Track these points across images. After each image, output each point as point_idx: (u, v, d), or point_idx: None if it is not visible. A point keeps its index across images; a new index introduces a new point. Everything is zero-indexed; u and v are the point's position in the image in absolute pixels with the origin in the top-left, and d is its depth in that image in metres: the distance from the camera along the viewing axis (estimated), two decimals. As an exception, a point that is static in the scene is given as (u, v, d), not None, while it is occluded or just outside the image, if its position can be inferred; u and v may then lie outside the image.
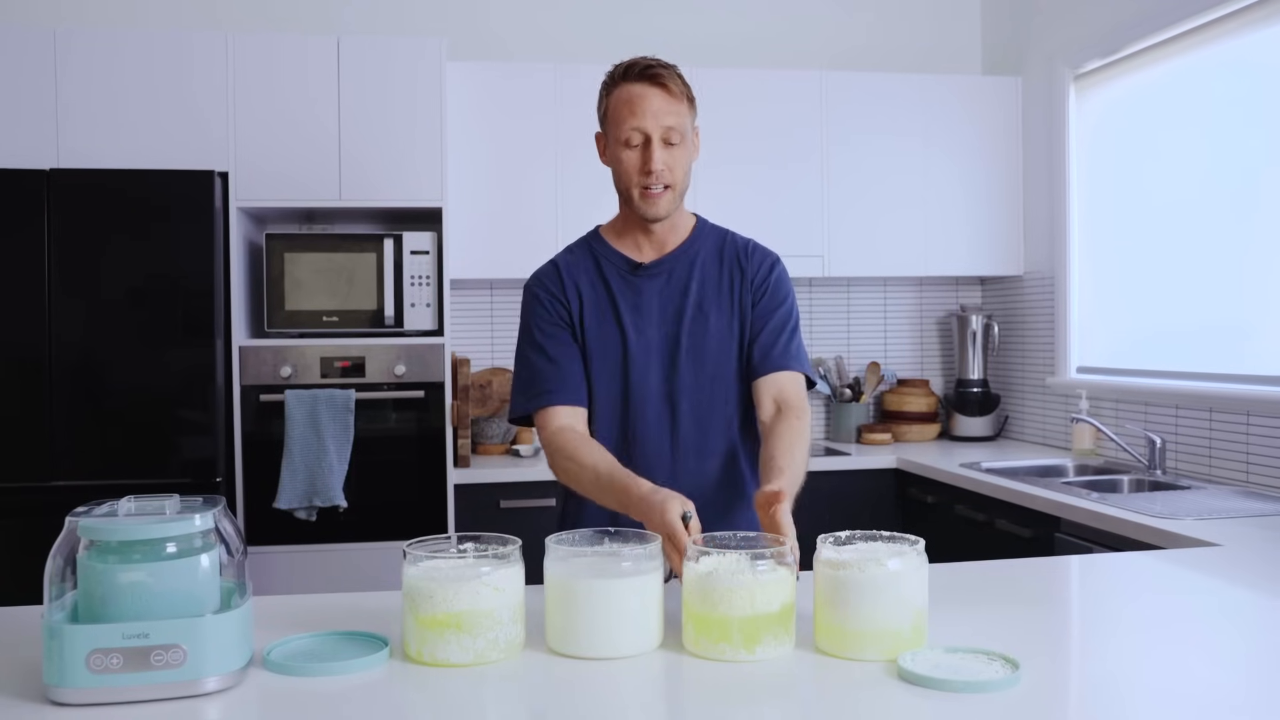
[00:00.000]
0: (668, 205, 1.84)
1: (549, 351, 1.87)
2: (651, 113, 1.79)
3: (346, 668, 1.31)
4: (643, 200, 1.83)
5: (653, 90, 1.79)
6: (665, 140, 1.80)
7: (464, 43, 3.95)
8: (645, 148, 1.80)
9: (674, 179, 1.82)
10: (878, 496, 3.67)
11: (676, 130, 1.80)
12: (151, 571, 1.22)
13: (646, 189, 1.81)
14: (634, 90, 1.80)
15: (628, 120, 1.80)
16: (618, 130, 1.82)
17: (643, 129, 1.79)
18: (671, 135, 1.80)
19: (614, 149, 1.84)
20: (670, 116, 1.79)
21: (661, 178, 1.80)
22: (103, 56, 3.28)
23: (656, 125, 1.79)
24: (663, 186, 1.81)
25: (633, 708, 1.27)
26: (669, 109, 1.79)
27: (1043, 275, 3.95)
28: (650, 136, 1.79)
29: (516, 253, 3.56)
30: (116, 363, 3.14)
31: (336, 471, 3.24)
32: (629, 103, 1.80)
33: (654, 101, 1.79)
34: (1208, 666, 1.37)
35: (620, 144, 1.82)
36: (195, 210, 3.18)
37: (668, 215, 1.85)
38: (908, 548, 1.40)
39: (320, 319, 3.38)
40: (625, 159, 1.82)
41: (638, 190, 1.82)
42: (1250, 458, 2.92)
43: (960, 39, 4.37)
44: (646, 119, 1.79)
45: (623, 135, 1.81)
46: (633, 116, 1.79)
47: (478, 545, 1.43)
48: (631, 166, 1.82)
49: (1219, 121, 3.12)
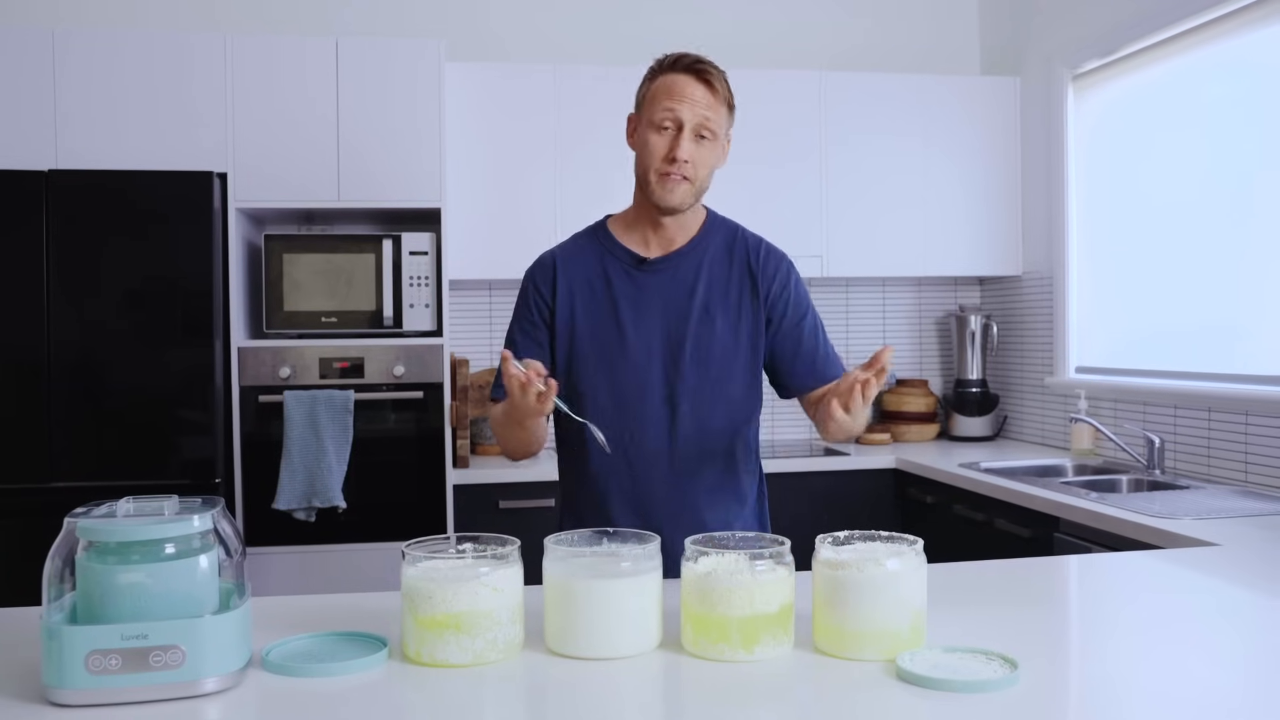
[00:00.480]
0: (683, 197, 1.83)
1: (519, 346, 1.89)
2: (690, 101, 1.79)
3: (345, 668, 1.31)
4: (659, 184, 1.82)
5: (697, 83, 1.80)
6: (697, 133, 1.80)
7: (463, 44, 3.95)
8: (676, 134, 1.80)
9: (695, 174, 1.82)
10: (876, 497, 3.67)
11: (709, 128, 1.80)
12: (150, 572, 1.22)
13: (666, 174, 1.81)
14: (679, 79, 1.81)
15: (664, 102, 1.80)
16: (652, 111, 1.82)
17: (677, 115, 1.79)
18: (703, 130, 1.80)
19: (644, 131, 1.84)
20: (707, 111, 1.80)
21: (684, 169, 1.80)
22: (101, 57, 3.28)
23: (692, 115, 1.79)
24: (682, 177, 1.81)
25: (632, 708, 1.27)
26: (707, 103, 1.80)
27: (1041, 275, 3.96)
28: (683, 124, 1.79)
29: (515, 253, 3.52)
30: (115, 363, 3.14)
31: (335, 472, 3.24)
32: (670, 88, 1.81)
33: (695, 91, 1.80)
34: (1206, 666, 1.37)
35: (651, 126, 1.82)
36: (194, 211, 3.18)
37: (680, 207, 1.84)
38: (906, 548, 1.40)
39: (319, 320, 3.38)
40: (652, 141, 1.82)
41: (656, 175, 1.82)
42: (1249, 457, 2.92)
43: (959, 39, 4.37)
44: (684, 106, 1.79)
45: (656, 117, 1.81)
46: (669, 99, 1.80)
47: (476, 546, 1.43)
48: (657, 150, 1.81)
49: (1217, 121, 3.12)
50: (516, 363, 1.62)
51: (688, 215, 1.89)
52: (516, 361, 1.63)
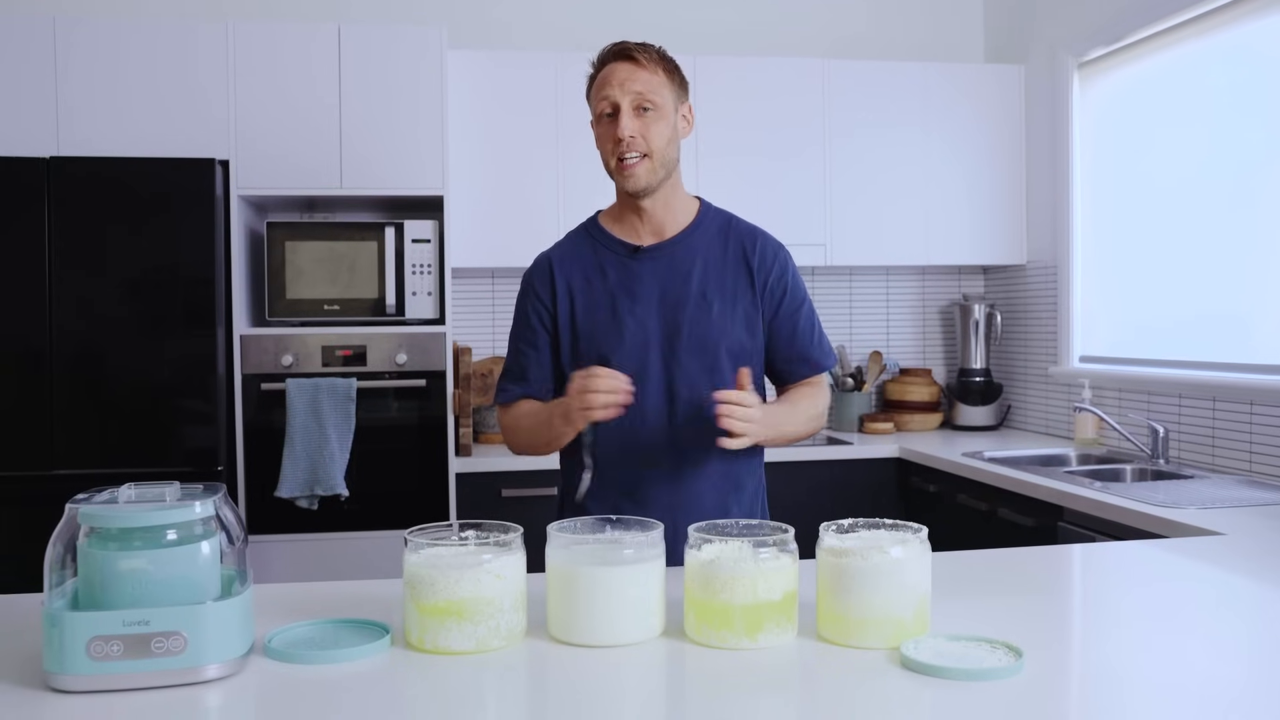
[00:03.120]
0: (646, 175, 1.82)
1: (522, 351, 1.93)
2: (618, 81, 1.81)
3: (348, 655, 1.31)
4: (619, 173, 1.83)
5: (623, 64, 1.82)
6: (636, 107, 1.80)
7: (466, 30, 3.94)
8: (615, 118, 1.81)
9: (649, 148, 1.81)
10: (880, 486, 3.66)
11: (647, 98, 1.80)
12: (152, 559, 1.22)
13: (621, 160, 1.81)
14: (607, 69, 1.84)
15: (596, 94, 1.84)
16: (593, 108, 1.86)
17: (610, 98, 1.81)
18: (642, 102, 1.80)
19: (595, 130, 1.87)
20: (638, 84, 1.80)
21: (634, 145, 1.80)
22: (103, 44, 3.27)
23: (624, 93, 1.80)
24: (639, 155, 1.80)
25: (635, 695, 1.26)
26: (638, 76, 1.81)
27: (1045, 264, 3.94)
28: (619, 105, 1.80)
29: (518, 241, 3.55)
30: (117, 352, 3.14)
31: (338, 460, 3.24)
32: (602, 80, 1.84)
33: (622, 71, 1.81)
34: (1210, 655, 1.36)
35: (595, 122, 1.85)
36: (196, 199, 3.17)
37: (648, 186, 1.84)
38: (910, 535, 1.39)
39: (321, 308, 3.38)
40: (600, 134, 1.85)
41: (614, 162, 1.83)
42: (1253, 447, 2.92)
43: (962, 27, 4.35)
44: (613, 88, 1.81)
45: (596, 110, 1.84)
46: (601, 89, 1.83)
47: (479, 533, 1.42)
48: (606, 139, 1.84)
49: (1223, 110, 3.10)
50: (618, 384, 1.67)
51: (673, 199, 1.89)
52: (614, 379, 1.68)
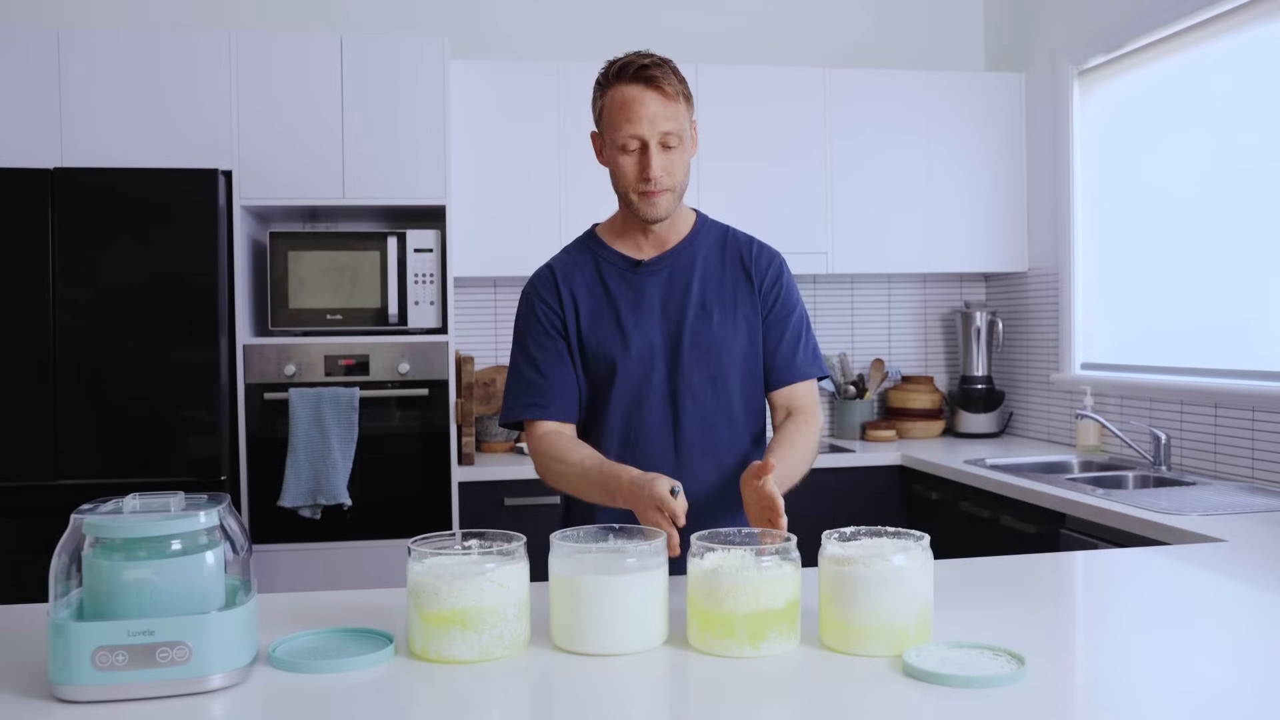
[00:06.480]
0: (668, 206, 1.82)
1: (541, 365, 1.87)
2: (648, 119, 1.74)
3: (351, 664, 1.31)
4: (642, 202, 1.80)
5: (648, 94, 1.75)
6: (663, 144, 1.77)
7: (467, 40, 3.95)
8: (643, 154, 1.77)
9: (673, 182, 1.80)
10: (882, 493, 3.66)
11: (674, 134, 1.77)
12: (157, 569, 1.22)
13: (646, 193, 1.79)
14: (629, 93, 1.76)
15: (624, 127, 1.76)
16: (614, 135, 1.78)
17: (640, 135, 1.75)
18: (669, 139, 1.77)
19: (611, 153, 1.81)
20: (667, 121, 1.75)
21: (661, 183, 1.78)
22: (106, 56, 3.28)
23: (654, 131, 1.75)
24: (662, 189, 1.79)
25: (638, 704, 1.27)
26: (665, 112, 1.75)
27: (1047, 271, 3.95)
28: (648, 143, 1.75)
29: (520, 250, 3.56)
30: (120, 362, 3.15)
31: (341, 470, 3.25)
32: (624, 107, 1.76)
33: (650, 106, 1.74)
34: (1213, 662, 1.36)
35: (617, 149, 1.78)
36: (199, 209, 3.18)
37: (668, 216, 1.84)
38: (913, 543, 1.40)
39: (324, 317, 3.38)
40: (623, 164, 1.79)
41: (636, 194, 1.80)
42: (1255, 453, 2.92)
43: (963, 35, 4.36)
44: (643, 125, 1.75)
45: (619, 141, 1.77)
46: (629, 123, 1.75)
47: (482, 542, 1.43)
48: (630, 172, 1.79)
49: (1223, 117, 3.11)
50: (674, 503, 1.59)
51: (676, 215, 1.89)
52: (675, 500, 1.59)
